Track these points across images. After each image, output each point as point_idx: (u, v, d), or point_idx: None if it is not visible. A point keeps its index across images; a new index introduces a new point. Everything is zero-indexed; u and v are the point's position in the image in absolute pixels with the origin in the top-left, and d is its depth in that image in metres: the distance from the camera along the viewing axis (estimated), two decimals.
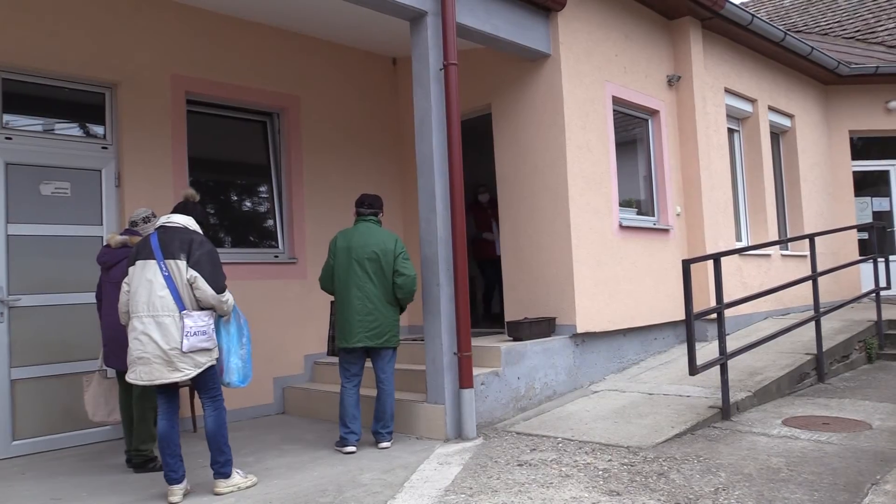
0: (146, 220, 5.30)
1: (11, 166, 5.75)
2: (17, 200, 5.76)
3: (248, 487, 4.43)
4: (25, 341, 5.72)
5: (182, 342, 4.12)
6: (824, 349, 7.12)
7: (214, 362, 4.33)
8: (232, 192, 7.43)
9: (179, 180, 6.51)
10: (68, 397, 5.88)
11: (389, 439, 5.34)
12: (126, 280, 4.34)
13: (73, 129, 6.21)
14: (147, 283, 4.19)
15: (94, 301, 5.42)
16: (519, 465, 4.63)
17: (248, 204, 7.59)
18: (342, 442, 5.27)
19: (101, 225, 6.17)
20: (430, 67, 5.63)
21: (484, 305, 9.10)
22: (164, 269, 4.19)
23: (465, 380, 5.40)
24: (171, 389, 4.38)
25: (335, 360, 7.12)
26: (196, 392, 4.47)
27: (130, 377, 4.24)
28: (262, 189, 7.57)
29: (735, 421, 5.58)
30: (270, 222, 7.51)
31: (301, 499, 4.16)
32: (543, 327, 6.53)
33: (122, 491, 4.52)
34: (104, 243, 5.36)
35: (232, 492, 4.34)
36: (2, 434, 5.55)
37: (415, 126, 5.75)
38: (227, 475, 4.36)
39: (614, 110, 7.44)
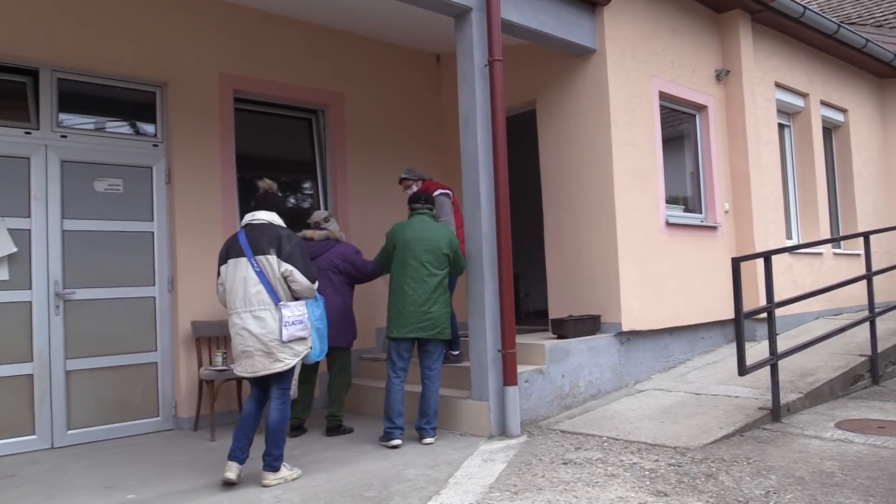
0: (326, 219, 6.10)
1: (67, 164, 5.91)
2: (73, 197, 5.92)
3: (293, 480, 4.49)
4: (80, 334, 5.88)
5: (282, 332, 4.32)
6: (879, 350, 6.92)
7: (310, 350, 4.51)
8: (278, 188, 7.50)
9: (227, 177, 6.61)
10: (120, 389, 6.04)
11: (433, 435, 5.35)
12: (220, 279, 4.56)
13: (125, 128, 6.35)
14: (241, 280, 4.38)
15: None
16: (564, 463, 4.60)
17: (294, 200, 7.67)
18: (387, 436, 5.29)
19: (152, 221, 6.30)
20: (475, 64, 5.61)
21: None
22: (256, 265, 4.37)
23: (509, 377, 5.38)
24: (267, 379, 4.52)
25: (380, 356, 7.20)
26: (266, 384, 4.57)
27: (237, 370, 4.50)
28: (308, 185, 7.65)
29: (785, 423, 5.46)
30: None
31: (347, 492, 4.19)
32: (588, 325, 6.47)
33: (171, 481, 4.62)
34: (307, 238, 5.93)
35: (279, 484, 4.40)
36: (58, 423, 5.71)
37: (459, 122, 5.74)
38: (276, 469, 4.43)
39: (661, 105, 7.34)
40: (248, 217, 4.59)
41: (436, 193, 6.04)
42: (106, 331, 6.01)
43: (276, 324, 4.33)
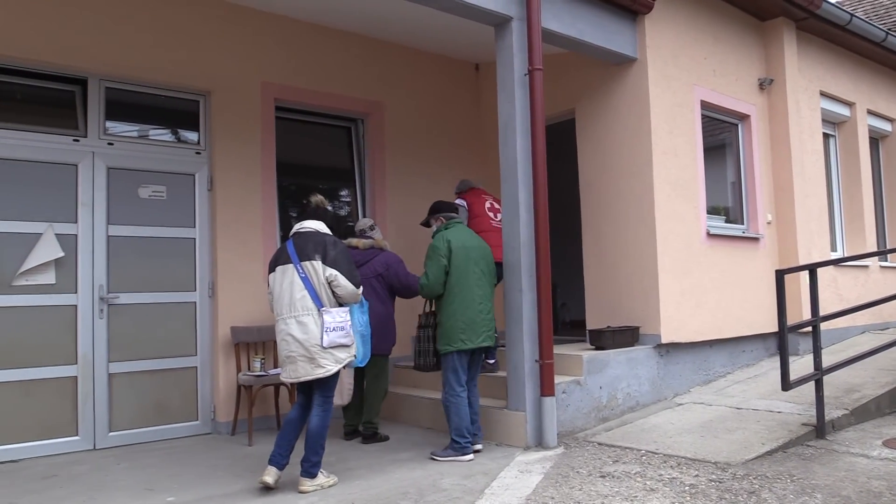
0: (371, 227, 6.20)
1: (113, 170, 6.03)
2: (118, 203, 6.04)
3: (330, 487, 4.51)
4: (122, 337, 5.98)
5: (322, 338, 4.36)
6: None
7: (353, 359, 4.54)
8: (327, 203, 7.58)
9: (268, 184, 6.69)
10: (160, 392, 6.13)
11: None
12: (269, 288, 4.65)
13: (169, 136, 6.46)
14: (288, 286, 4.46)
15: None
16: (601, 476, 4.54)
17: (331, 208, 7.71)
18: (464, 450, 5.09)
19: (194, 227, 6.39)
20: (515, 73, 5.60)
21: None
22: (301, 270, 4.44)
23: (546, 388, 5.33)
24: (311, 386, 4.58)
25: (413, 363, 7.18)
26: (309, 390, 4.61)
27: (283, 376, 4.57)
28: (346, 193, 7.71)
29: (830, 440, 5.32)
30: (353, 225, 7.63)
31: (382, 500, 4.19)
32: (627, 336, 6.39)
33: (210, 484, 4.67)
34: (352, 246, 5.94)
35: (316, 490, 4.42)
36: (100, 425, 5.82)
37: (499, 131, 5.72)
38: (313, 475, 4.45)
39: (703, 114, 7.24)
40: (297, 226, 4.69)
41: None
42: (148, 335, 6.10)
43: (318, 329, 4.37)
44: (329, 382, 4.53)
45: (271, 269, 4.64)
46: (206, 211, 6.46)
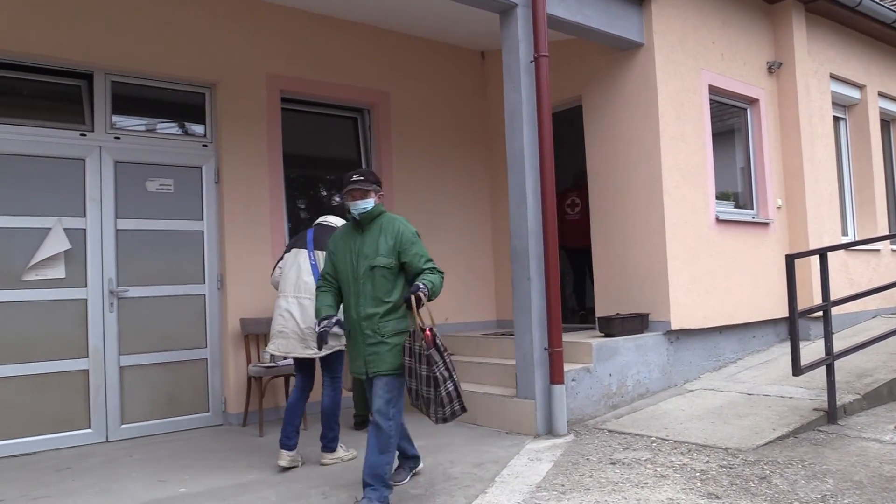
0: None
1: (120, 164, 6.05)
2: (126, 197, 6.06)
3: (350, 460, 4.83)
4: (133, 330, 6.01)
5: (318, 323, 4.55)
6: None
7: (343, 348, 4.74)
8: (323, 187, 7.59)
9: (275, 176, 6.69)
10: (171, 384, 6.16)
11: None
12: (280, 264, 5.02)
13: (175, 129, 6.47)
14: (297, 268, 4.81)
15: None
16: (612, 463, 4.54)
17: (339, 199, 7.72)
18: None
19: (202, 220, 6.41)
20: (521, 60, 5.57)
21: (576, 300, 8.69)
22: (312, 257, 4.81)
23: (555, 375, 5.33)
24: (308, 368, 4.96)
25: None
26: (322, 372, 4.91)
27: (270, 348, 4.86)
28: None
29: (842, 425, 5.30)
30: None
31: (394, 489, 4.19)
32: (636, 323, 6.37)
33: (222, 475, 4.69)
34: None
35: (336, 463, 4.81)
36: (112, 417, 5.86)
37: (505, 119, 5.70)
38: (333, 449, 4.83)
39: (711, 99, 7.18)
40: (321, 218, 5.06)
41: None
42: (158, 327, 6.14)
43: None
44: (333, 364, 4.82)
45: (287, 250, 4.98)
46: (213, 203, 6.47)
